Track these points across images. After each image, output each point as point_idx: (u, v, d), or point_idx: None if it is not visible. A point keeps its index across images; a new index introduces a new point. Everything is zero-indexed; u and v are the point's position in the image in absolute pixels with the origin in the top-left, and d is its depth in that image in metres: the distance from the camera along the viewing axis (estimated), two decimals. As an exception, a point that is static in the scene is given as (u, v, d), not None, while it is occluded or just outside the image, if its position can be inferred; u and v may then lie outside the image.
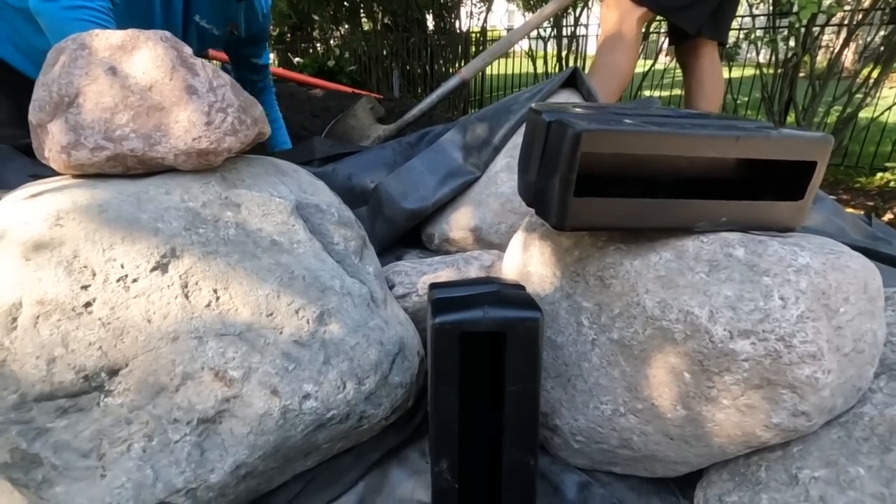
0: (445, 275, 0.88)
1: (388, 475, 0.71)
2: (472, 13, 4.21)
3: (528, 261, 0.75)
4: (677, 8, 1.50)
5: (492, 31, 4.44)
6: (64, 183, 0.64)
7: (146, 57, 0.64)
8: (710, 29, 1.58)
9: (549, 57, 3.97)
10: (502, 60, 4.51)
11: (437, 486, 0.58)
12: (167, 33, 0.66)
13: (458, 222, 1.06)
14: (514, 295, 0.58)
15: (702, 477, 0.65)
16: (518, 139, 1.06)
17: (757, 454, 0.60)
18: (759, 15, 3.14)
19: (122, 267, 0.57)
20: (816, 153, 0.56)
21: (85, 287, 0.55)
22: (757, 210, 0.59)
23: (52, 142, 0.63)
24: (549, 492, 0.68)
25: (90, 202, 0.59)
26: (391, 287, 0.86)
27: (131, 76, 0.63)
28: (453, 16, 4.09)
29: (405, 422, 0.76)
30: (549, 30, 3.68)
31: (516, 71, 4.65)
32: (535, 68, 3.97)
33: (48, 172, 0.69)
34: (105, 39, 0.64)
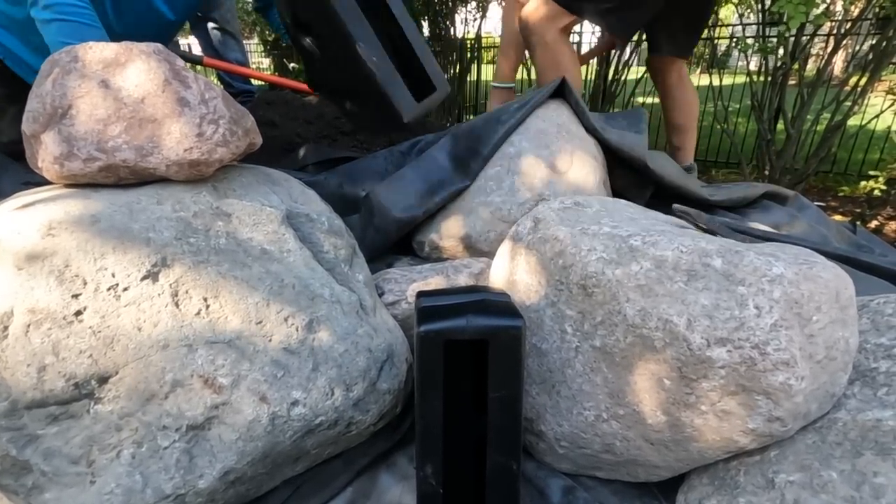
0: (435, 282, 0.89)
1: (376, 480, 0.72)
2: (466, 20, 4.24)
3: (514, 269, 0.77)
4: (599, 12, 1.41)
5: (486, 37, 4.47)
6: (56, 193, 0.65)
7: (139, 70, 0.65)
8: (666, 45, 1.55)
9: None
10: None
11: (423, 491, 0.59)
12: (160, 46, 0.68)
13: (448, 230, 1.08)
14: (498, 303, 0.59)
15: (683, 481, 0.67)
16: (508, 149, 1.08)
17: (736, 459, 0.62)
18: (749, 24, 3.19)
19: (114, 276, 0.58)
20: None
21: (76, 296, 0.56)
22: None
23: (45, 152, 0.64)
24: (535, 496, 0.69)
25: (82, 212, 0.60)
26: (381, 294, 0.87)
27: (124, 88, 0.64)
28: (448, 22, 4.12)
29: (394, 427, 0.77)
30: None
31: (511, 77, 4.68)
32: (528, 75, 4.00)
33: (41, 180, 0.70)
34: (98, 52, 0.65)
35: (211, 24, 2.24)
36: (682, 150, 1.71)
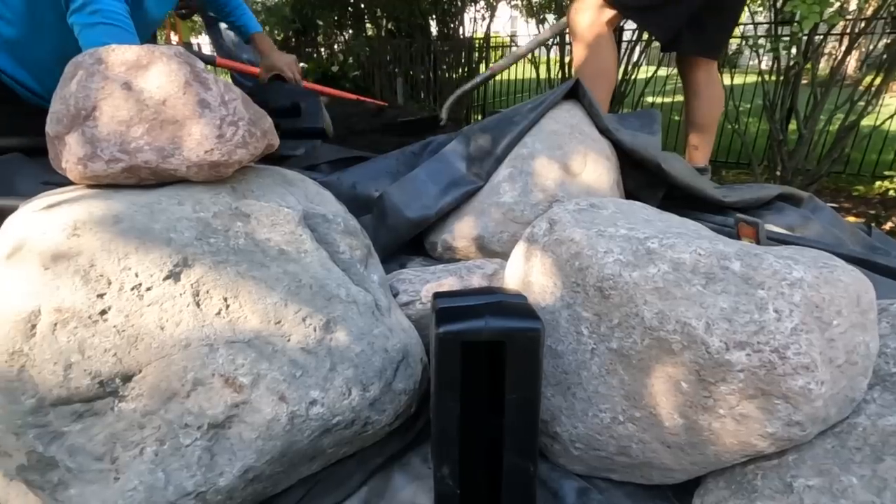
0: (448, 283, 0.90)
1: (390, 480, 0.72)
2: (475, 19, 4.24)
3: (529, 271, 0.77)
4: (641, 9, 1.44)
5: (495, 37, 4.47)
6: (79, 193, 0.66)
7: (160, 72, 0.66)
8: (691, 44, 1.54)
9: (552, 63, 4.00)
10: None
11: (440, 491, 0.60)
12: (181, 49, 0.69)
13: (461, 231, 1.08)
14: (515, 305, 0.60)
15: (699, 485, 0.67)
16: (521, 150, 1.08)
17: (753, 463, 0.62)
18: (761, 23, 3.16)
19: (137, 276, 0.59)
20: None
21: (101, 295, 0.57)
22: None
23: (68, 153, 0.65)
24: (549, 498, 0.69)
25: (105, 213, 0.61)
26: (395, 295, 0.88)
27: (146, 90, 0.65)
28: (457, 22, 4.12)
29: (408, 428, 0.78)
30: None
31: (519, 77, 4.68)
32: (538, 74, 3.99)
33: (60, 180, 0.71)
34: (121, 55, 0.66)
35: (224, 25, 2.25)
36: (698, 149, 1.71)
